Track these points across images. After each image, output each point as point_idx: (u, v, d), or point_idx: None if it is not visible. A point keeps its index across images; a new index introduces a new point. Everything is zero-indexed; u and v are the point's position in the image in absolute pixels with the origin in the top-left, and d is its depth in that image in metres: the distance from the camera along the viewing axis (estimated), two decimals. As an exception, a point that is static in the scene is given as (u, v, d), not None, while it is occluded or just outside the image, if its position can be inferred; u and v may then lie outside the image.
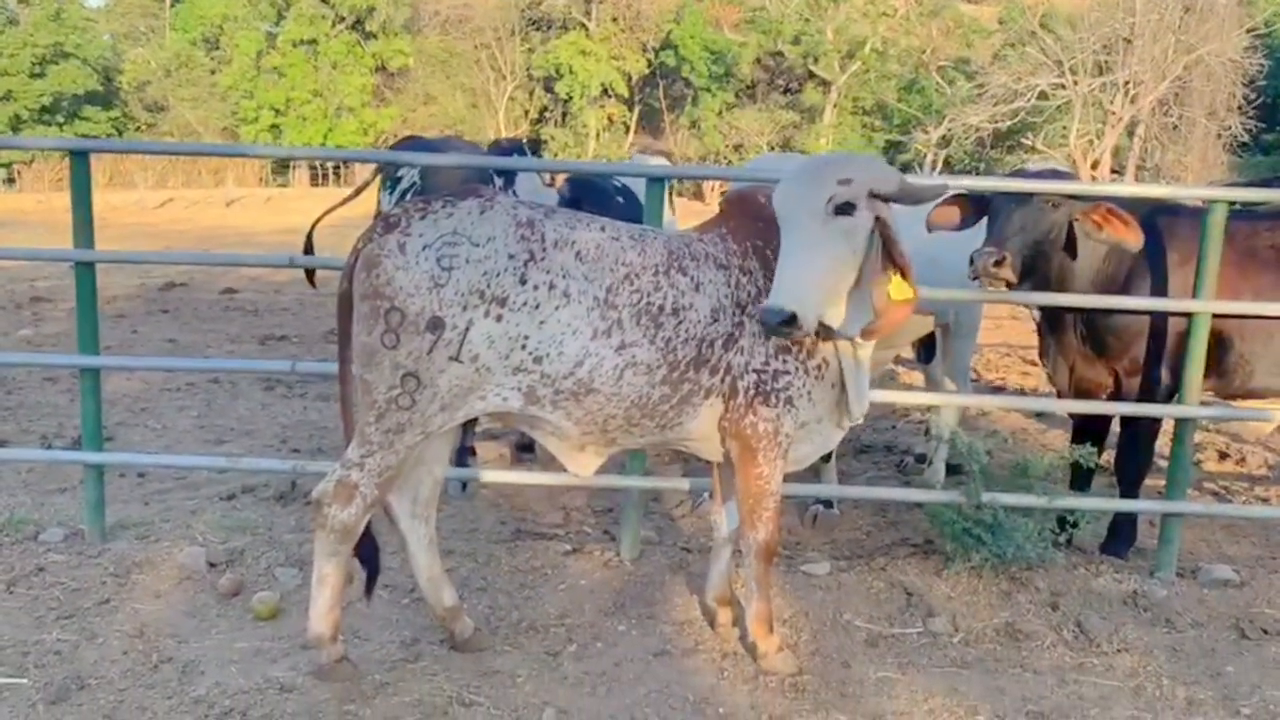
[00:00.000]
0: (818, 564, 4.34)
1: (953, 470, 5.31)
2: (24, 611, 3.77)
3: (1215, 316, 4.16)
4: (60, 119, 41.79)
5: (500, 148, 5.42)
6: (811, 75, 45.14)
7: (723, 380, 3.26)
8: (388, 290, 2.99)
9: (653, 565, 4.31)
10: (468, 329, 3.00)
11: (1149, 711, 3.39)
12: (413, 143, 5.90)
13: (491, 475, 4.77)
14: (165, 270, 13.97)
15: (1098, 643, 3.80)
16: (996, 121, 34.96)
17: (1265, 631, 3.92)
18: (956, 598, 4.11)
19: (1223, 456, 6.40)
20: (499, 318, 3.02)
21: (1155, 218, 4.34)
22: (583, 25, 45.82)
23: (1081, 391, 4.48)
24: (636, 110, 47.72)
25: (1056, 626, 3.92)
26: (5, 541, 4.30)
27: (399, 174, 5.32)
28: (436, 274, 2.98)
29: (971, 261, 4.05)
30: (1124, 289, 4.29)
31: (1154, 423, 4.48)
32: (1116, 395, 4.43)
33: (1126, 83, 30.93)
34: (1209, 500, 5.56)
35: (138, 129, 44.86)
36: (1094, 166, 30.35)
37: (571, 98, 45.66)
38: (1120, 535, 4.57)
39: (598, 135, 45.93)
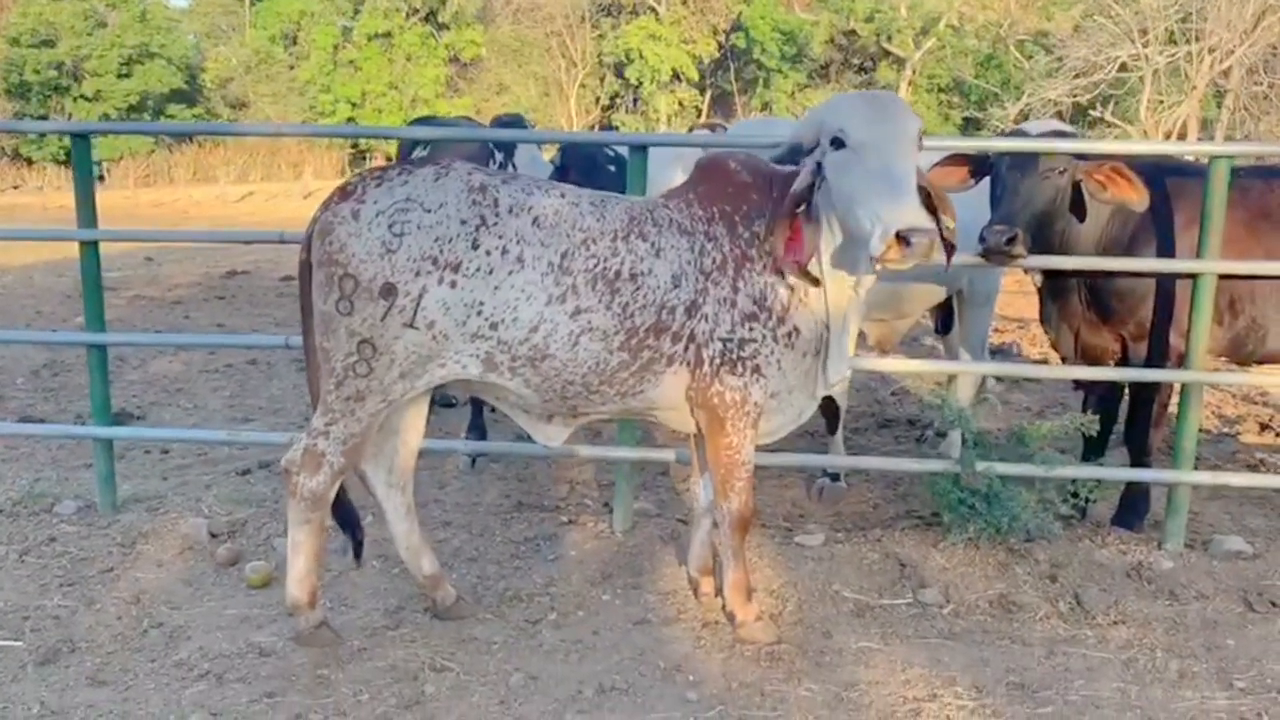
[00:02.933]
0: (813, 535, 4.28)
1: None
2: (31, 579, 3.91)
3: (1224, 278, 3.99)
4: (146, 117, 42.96)
5: (500, 122, 5.47)
6: (886, 53, 44.32)
7: (686, 348, 3.23)
8: (341, 257, 3.02)
9: (644, 537, 4.29)
10: (421, 295, 3.01)
11: (1137, 684, 3.27)
12: (426, 121, 6.00)
13: (495, 448, 4.80)
14: (231, 259, 14.35)
15: (1093, 615, 3.69)
16: (1075, 95, 33.83)
17: (1274, 604, 3.76)
18: (951, 569, 4.02)
19: (1263, 428, 6.14)
20: (453, 284, 3.03)
21: (1163, 178, 4.17)
22: (653, 10, 45.61)
23: (1088, 358, 4.33)
24: (708, 94, 47.39)
25: (1053, 599, 3.80)
26: (22, 513, 4.47)
27: (413, 155, 5.42)
28: (388, 240, 3.00)
29: (982, 239, 3.91)
30: (1129, 251, 4.13)
31: (1164, 389, 4.31)
32: (1124, 361, 4.28)
33: (1209, 50, 29.74)
34: (1243, 472, 5.34)
35: (220, 125, 46.02)
36: (1167, 138, 29.24)
37: (642, 83, 45.50)
38: (1131, 506, 4.40)
39: (669, 120, 45.73)
